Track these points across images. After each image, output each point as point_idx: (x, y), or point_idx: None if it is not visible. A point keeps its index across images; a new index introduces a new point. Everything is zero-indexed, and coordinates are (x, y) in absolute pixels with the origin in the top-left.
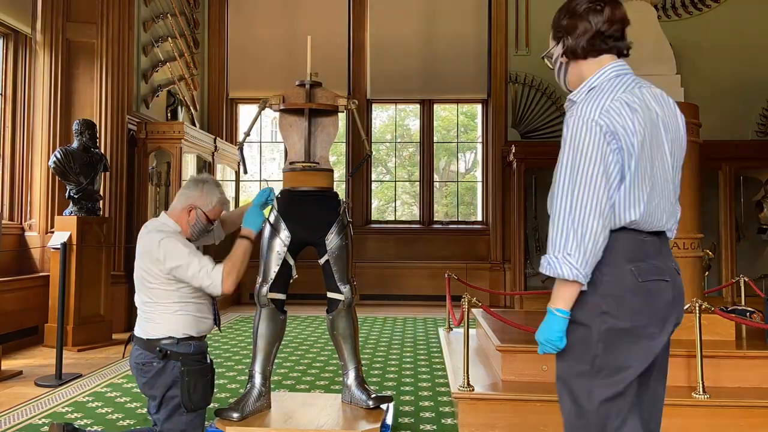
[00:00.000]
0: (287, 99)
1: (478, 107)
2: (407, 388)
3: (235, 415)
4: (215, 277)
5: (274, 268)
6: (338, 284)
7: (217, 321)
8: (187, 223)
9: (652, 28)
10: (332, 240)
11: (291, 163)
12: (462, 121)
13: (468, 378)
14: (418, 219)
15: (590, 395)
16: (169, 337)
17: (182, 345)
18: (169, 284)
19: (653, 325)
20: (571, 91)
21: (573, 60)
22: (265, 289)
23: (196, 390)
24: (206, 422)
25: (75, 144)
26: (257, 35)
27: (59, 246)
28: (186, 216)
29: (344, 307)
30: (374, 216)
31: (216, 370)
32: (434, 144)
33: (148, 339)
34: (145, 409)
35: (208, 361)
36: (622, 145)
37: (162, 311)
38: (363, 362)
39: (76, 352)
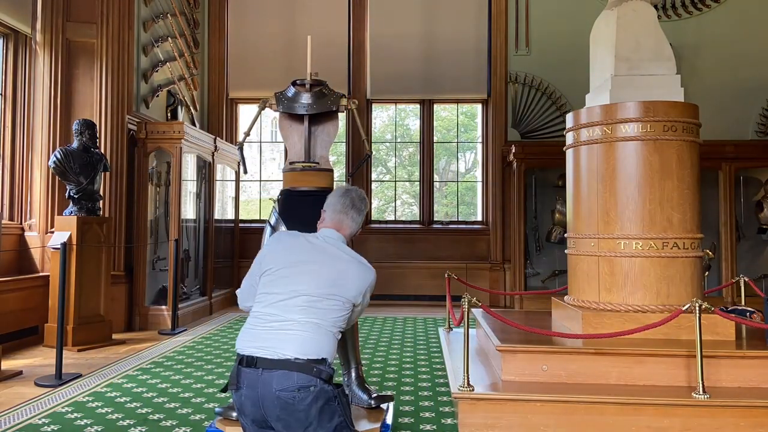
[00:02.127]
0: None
1: (478, 107)
2: (407, 388)
3: (235, 414)
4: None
5: None
6: None
7: None
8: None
9: (652, 28)
10: None
11: (291, 163)
12: (462, 121)
13: (468, 378)
14: (418, 219)
15: None
16: (324, 359)
17: (330, 366)
18: (346, 309)
19: None
20: None
21: None
22: None
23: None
24: (206, 422)
25: (75, 144)
26: (257, 35)
27: (59, 246)
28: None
29: None
30: (374, 216)
31: (216, 370)
32: (434, 144)
33: (312, 359)
34: (145, 410)
35: None
36: None
37: (327, 331)
38: (363, 362)
39: (76, 352)
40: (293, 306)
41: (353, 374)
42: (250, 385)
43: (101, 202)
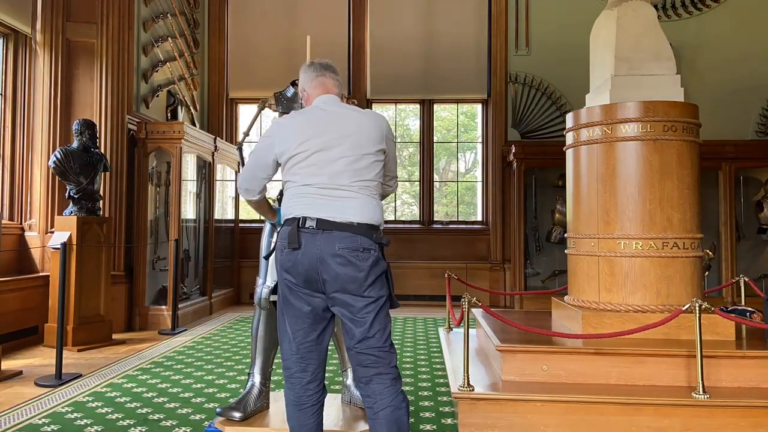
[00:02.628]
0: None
1: (478, 107)
2: (407, 388)
3: (236, 414)
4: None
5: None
6: None
7: None
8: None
9: (652, 28)
10: None
11: None
12: (462, 121)
13: (468, 378)
14: (418, 219)
15: None
16: (379, 225)
17: (383, 236)
18: (380, 158)
19: None
20: None
21: None
22: (266, 291)
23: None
24: (206, 422)
25: (75, 144)
26: (257, 35)
27: (59, 246)
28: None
29: None
30: None
31: (216, 370)
32: (434, 144)
33: (370, 225)
34: (145, 410)
35: None
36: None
37: (376, 193)
38: None
39: (76, 352)
40: (338, 173)
41: (352, 374)
42: (310, 243)
43: (101, 202)
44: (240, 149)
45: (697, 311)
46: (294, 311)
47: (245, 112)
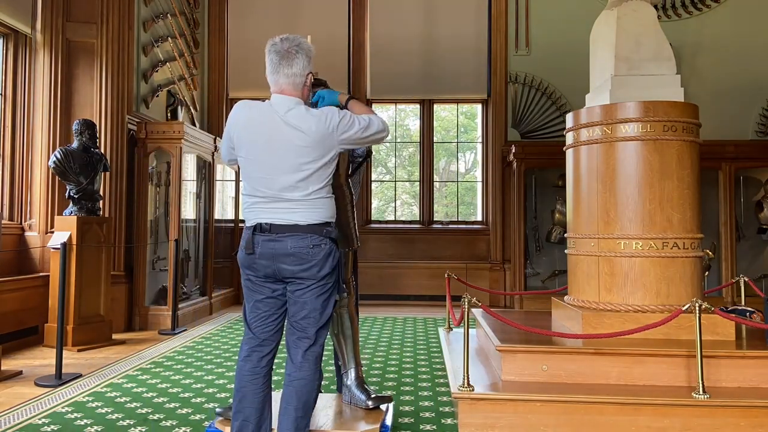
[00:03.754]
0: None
1: (478, 107)
2: (407, 388)
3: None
4: (382, 121)
5: None
6: None
7: None
8: (309, 92)
9: (652, 28)
10: None
11: None
12: (462, 121)
13: (468, 378)
14: (418, 219)
15: None
16: (329, 222)
17: (333, 229)
18: (330, 166)
19: None
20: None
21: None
22: None
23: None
24: (206, 422)
25: (75, 144)
26: (257, 35)
27: (59, 246)
28: (306, 90)
29: (340, 306)
30: (374, 216)
31: (216, 370)
32: (434, 144)
33: (315, 224)
34: (145, 410)
35: None
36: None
37: (324, 196)
38: (363, 362)
39: (76, 352)
40: (282, 185)
41: (352, 375)
42: (265, 246)
43: (101, 202)
44: None
45: (697, 311)
46: (259, 297)
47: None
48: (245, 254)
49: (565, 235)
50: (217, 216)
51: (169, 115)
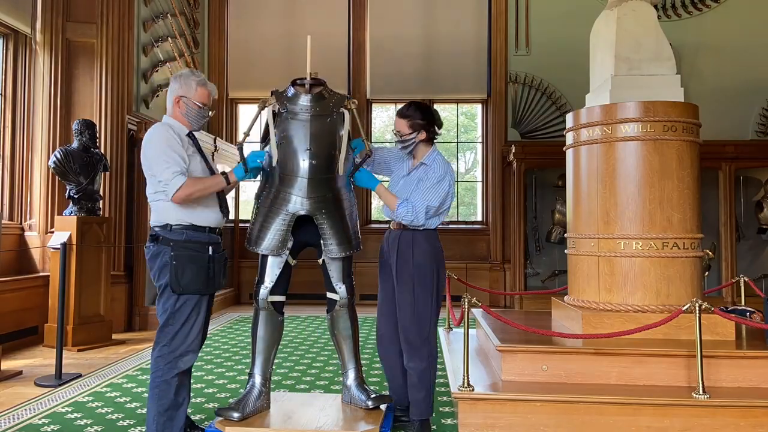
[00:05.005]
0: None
1: (478, 107)
2: None
3: (235, 414)
4: (173, 184)
5: (275, 272)
6: (335, 284)
7: (225, 213)
8: (182, 115)
9: (652, 28)
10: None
11: None
12: (462, 121)
13: (468, 378)
14: None
15: None
16: (165, 225)
17: (175, 232)
18: (150, 177)
19: None
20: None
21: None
22: (265, 291)
23: (184, 274)
24: (206, 422)
25: (75, 144)
26: (257, 35)
27: (59, 246)
28: (177, 109)
29: (340, 306)
30: (374, 216)
31: (216, 370)
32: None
33: (151, 226)
34: (145, 410)
35: (210, 251)
36: None
37: (160, 200)
38: (363, 362)
39: (76, 352)
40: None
41: (352, 375)
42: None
43: (101, 202)
44: (240, 149)
45: (697, 311)
46: None
47: (245, 112)
48: None
49: (565, 235)
50: None
51: None
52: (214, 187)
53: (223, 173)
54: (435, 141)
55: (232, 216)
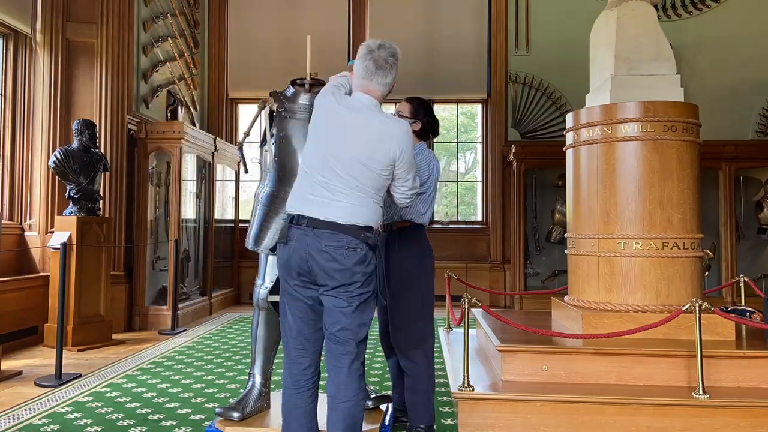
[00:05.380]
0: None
1: (478, 107)
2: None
3: (236, 414)
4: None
5: (275, 271)
6: None
7: None
8: None
9: (652, 28)
10: None
11: None
12: (462, 121)
13: (468, 378)
14: None
15: None
16: (370, 227)
17: (375, 236)
18: (383, 175)
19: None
20: None
21: None
22: (265, 291)
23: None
24: (206, 422)
25: (75, 144)
26: (257, 35)
27: (59, 246)
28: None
29: None
30: None
31: (216, 370)
32: (434, 144)
33: (356, 225)
34: (145, 410)
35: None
36: None
37: (373, 200)
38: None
39: (76, 352)
40: (334, 172)
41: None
42: (300, 239)
43: (101, 202)
44: (240, 149)
45: (697, 311)
46: (292, 301)
47: (245, 112)
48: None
49: (565, 235)
50: (217, 216)
51: (169, 115)
52: None
53: None
54: (427, 141)
55: (231, 216)
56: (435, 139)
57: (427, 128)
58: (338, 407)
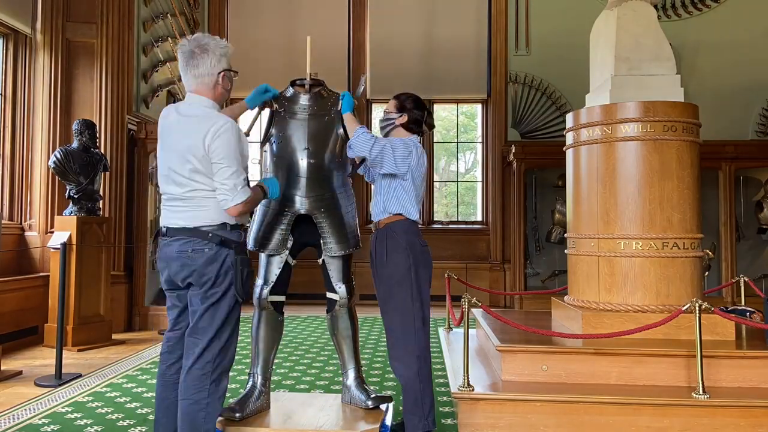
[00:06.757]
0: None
1: (478, 107)
2: None
3: (236, 414)
4: (240, 194)
5: (275, 271)
6: (335, 284)
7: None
8: (223, 92)
9: (652, 28)
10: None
11: None
12: (462, 121)
13: (468, 378)
14: None
15: None
16: (223, 224)
17: (233, 233)
18: (203, 170)
19: None
20: None
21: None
22: (265, 291)
23: (246, 280)
24: None
25: (75, 144)
26: (257, 35)
27: (59, 246)
28: (220, 88)
29: (340, 307)
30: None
31: None
32: (434, 144)
33: (195, 227)
34: (145, 409)
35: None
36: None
37: (211, 197)
38: (363, 362)
39: (76, 352)
40: (171, 182)
41: (352, 375)
42: (162, 250)
43: (101, 202)
44: None
45: (697, 311)
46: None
47: (245, 112)
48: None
49: (565, 235)
50: None
51: None
52: (258, 200)
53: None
54: (420, 136)
55: None
56: (435, 140)
57: (417, 120)
58: (180, 404)
